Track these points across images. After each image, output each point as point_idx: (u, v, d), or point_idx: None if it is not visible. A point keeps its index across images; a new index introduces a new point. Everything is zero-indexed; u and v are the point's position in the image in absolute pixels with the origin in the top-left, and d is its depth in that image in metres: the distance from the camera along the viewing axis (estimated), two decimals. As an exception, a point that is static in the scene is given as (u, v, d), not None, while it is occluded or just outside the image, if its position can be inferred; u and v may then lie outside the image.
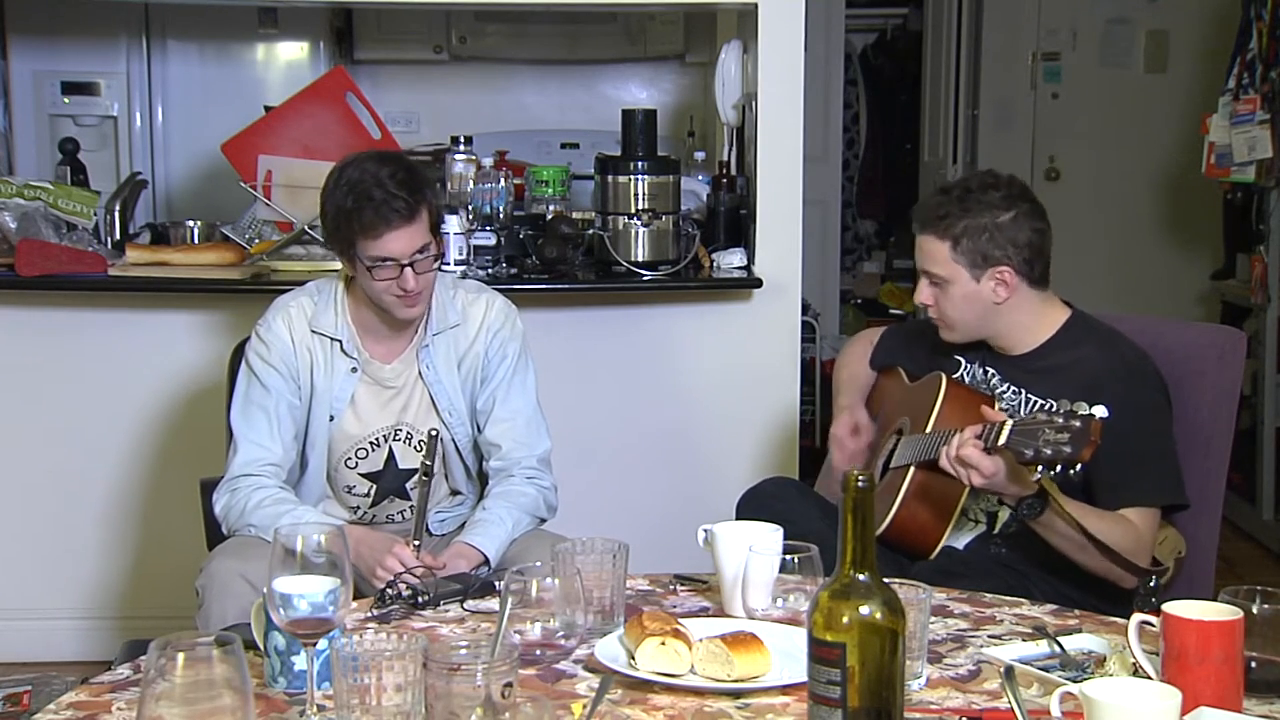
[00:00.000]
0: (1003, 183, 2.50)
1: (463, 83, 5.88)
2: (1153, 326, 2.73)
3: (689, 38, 5.64)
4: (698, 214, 3.92)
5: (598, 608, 1.94)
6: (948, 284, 2.49)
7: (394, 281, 2.51)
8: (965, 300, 2.49)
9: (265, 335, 2.62)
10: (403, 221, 2.49)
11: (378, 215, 2.48)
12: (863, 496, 1.47)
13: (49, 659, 3.65)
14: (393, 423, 2.65)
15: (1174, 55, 6.08)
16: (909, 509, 2.46)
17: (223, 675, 1.39)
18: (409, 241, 2.50)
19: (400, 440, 2.66)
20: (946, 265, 2.47)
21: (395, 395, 2.65)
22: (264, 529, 2.48)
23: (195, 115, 5.33)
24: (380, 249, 2.49)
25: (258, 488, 2.55)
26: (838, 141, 6.60)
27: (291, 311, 2.64)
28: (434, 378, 2.64)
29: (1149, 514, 2.38)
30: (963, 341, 2.58)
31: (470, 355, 2.66)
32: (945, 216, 2.47)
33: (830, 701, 1.46)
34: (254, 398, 2.60)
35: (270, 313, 2.66)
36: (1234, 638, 1.63)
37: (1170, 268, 5.99)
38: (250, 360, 2.63)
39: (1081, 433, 2.11)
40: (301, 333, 2.61)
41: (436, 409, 2.65)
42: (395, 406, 2.65)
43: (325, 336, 2.62)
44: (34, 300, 3.73)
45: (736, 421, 3.80)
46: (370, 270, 2.51)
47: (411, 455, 2.65)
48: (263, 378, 2.60)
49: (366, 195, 2.48)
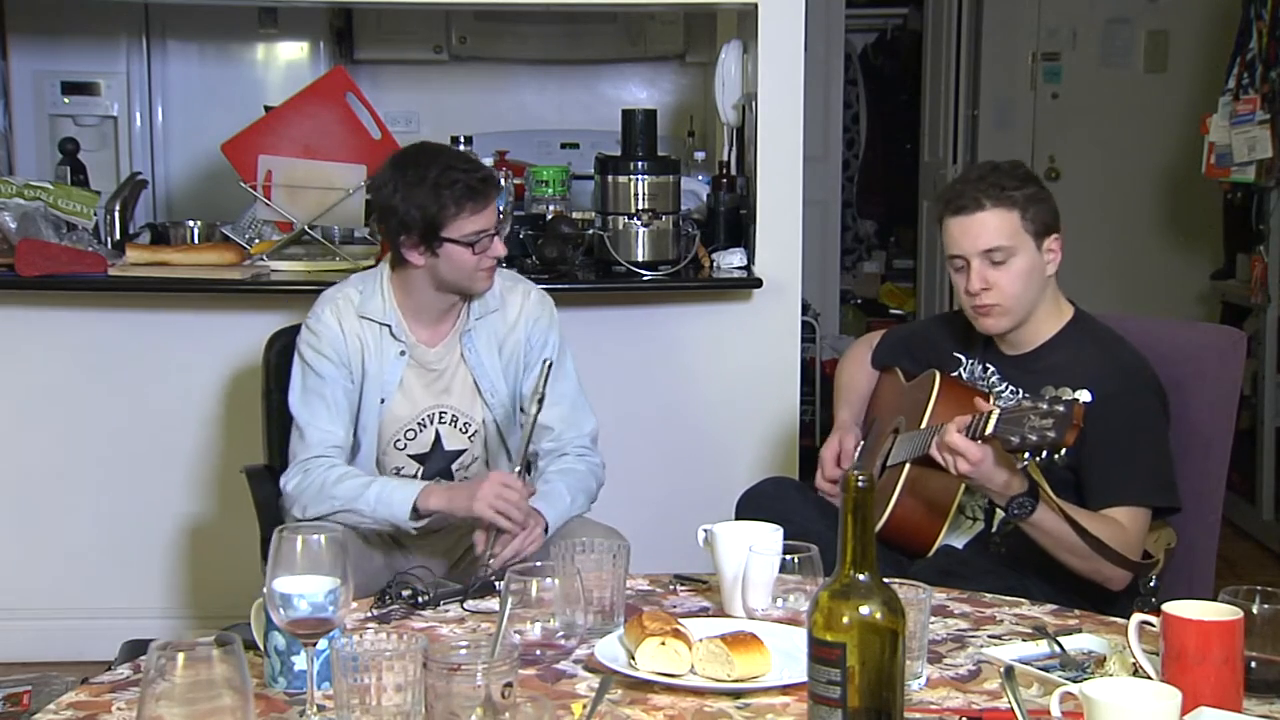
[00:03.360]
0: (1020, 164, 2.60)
1: (463, 83, 5.88)
2: (1153, 326, 2.73)
3: (689, 38, 5.64)
4: (698, 214, 3.92)
5: (598, 608, 1.94)
6: (1013, 257, 2.47)
7: (486, 253, 2.63)
8: (1029, 273, 2.48)
9: (315, 326, 2.71)
10: (493, 191, 2.65)
11: (473, 191, 2.60)
12: (863, 496, 1.47)
13: (49, 659, 3.65)
14: (437, 404, 2.74)
15: (1174, 55, 6.08)
16: (905, 506, 2.46)
17: (223, 675, 1.39)
18: (494, 211, 2.66)
19: (445, 423, 2.75)
20: (1017, 235, 2.47)
21: (438, 378, 2.74)
22: (349, 499, 2.57)
23: (195, 115, 5.33)
24: (478, 222, 2.61)
25: (331, 466, 2.64)
26: (838, 141, 6.60)
27: (339, 302, 2.71)
28: (475, 360, 2.73)
29: (1138, 514, 2.37)
30: (1010, 328, 2.53)
31: (511, 341, 2.76)
32: (1003, 188, 2.48)
33: (830, 701, 1.46)
34: (311, 386, 2.68)
35: (318, 305, 2.74)
36: (1234, 638, 1.64)
37: (1170, 268, 5.99)
38: (303, 351, 2.71)
39: (1065, 417, 2.12)
40: (350, 321, 2.70)
41: (479, 391, 2.74)
42: (438, 389, 2.74)
43: (374, 322, 2.70)
44: (34, 300, 3.73)
45: (736, 421, 3.80)
46: (470, 246, 2.61)
47: (457, 437, 2.75)
48: (317, 366, 2.68)
49: (453, 179, 2.59)
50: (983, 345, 2.59)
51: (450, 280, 2.66)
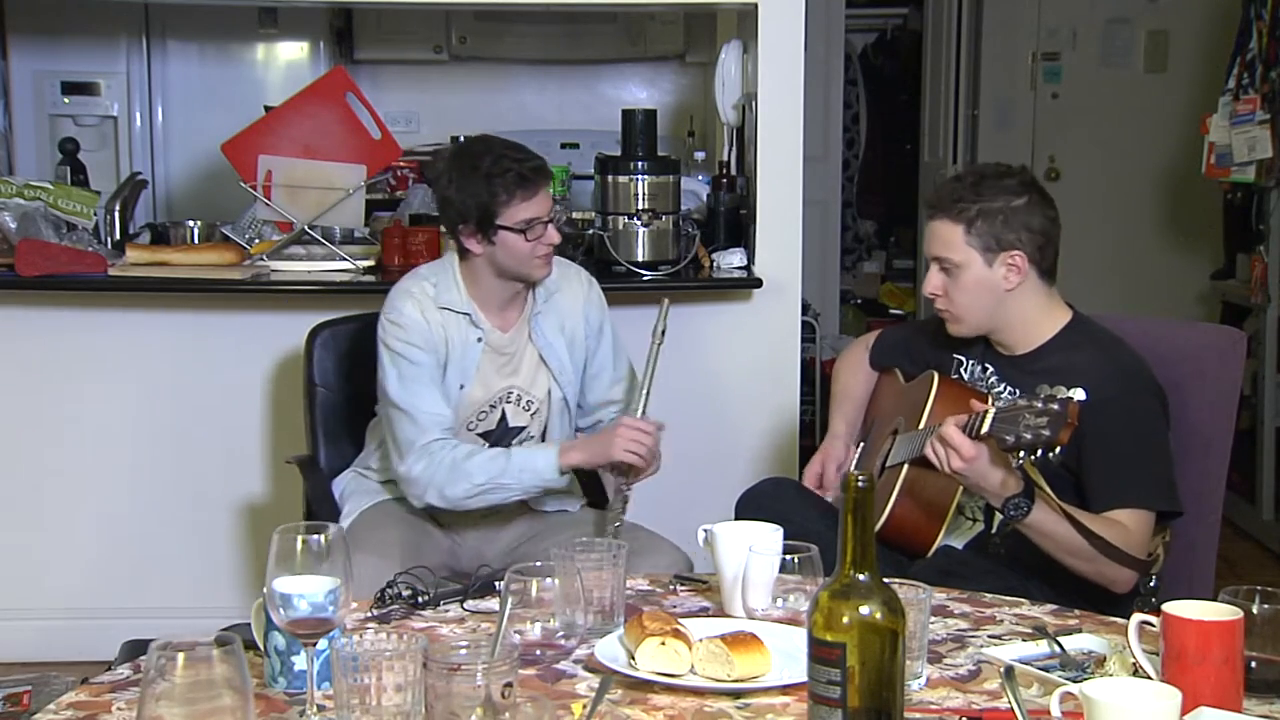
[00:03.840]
0: (1015, 171, 2.54)
1: (463, 83, 5.89)
2: (1153, 327, 2.73)
3: (689, 38, 5.64)
4: (698, 214, 3.92)
5: (598, 608, 1.94)
6: (959, 270, 2.48)
7: (540, 240, 2.73)
8: (976, 286, 2.48)
9: (399, 319, 2.78)
10: (544, 180, 2.75)
11: (524, 180, 2.71)
12: (863, 497, 1.47)
13: (49, 659, 3.65)
14: (507, 384, 2.85)
15: (1174, 55, 6.08)
16: (904, 506, 2.46)
17: (223, 675, 1.39)
18: (547, 198, 2.76)
19: (512, 401, 2.87)
20: (960, 249, 2.48)
21: (508, 361, 2.86)
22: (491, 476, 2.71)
23: (195, 115, 5.33)
24: (531, 210, 2.71)
25: (453, 446, 2.74)
26: (838, 141, 6.60)
27: (416, 295, 2.80)
28: (544, 341, 2.87)
29: (1141, 516, 2.37)
30: (970, 335, 2.57)
31: (571, 321, 2.91)
32: (959, 200, 2.49)
33: (830, 701, 1.46)
34: (409, 373, 2.76)
35: (396, 299, 2.81)
36: (1234, 638, 1.63)
37: (1170, 268, 5.99)
38: (390, 345, 2.78)
39: (1059, 415, 2.12)
40: (432, 312, 2.79)
41: (549, 368, 2.88)
42: (507, 370, 2.86)
43: (454, 312, 2.80)
44: (34, 300, 3.73)
45: (736, 421, 3.80)
46: (522, 233, 2.71)
47: (520, 414, 2.88)
48: (410, 355, 2.76)
49: (505, 168, 2.70)
50: (982, 346, 2.59)
51: (509, 267, 2.77)
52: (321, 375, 3.11)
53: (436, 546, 2.82)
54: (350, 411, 3.11)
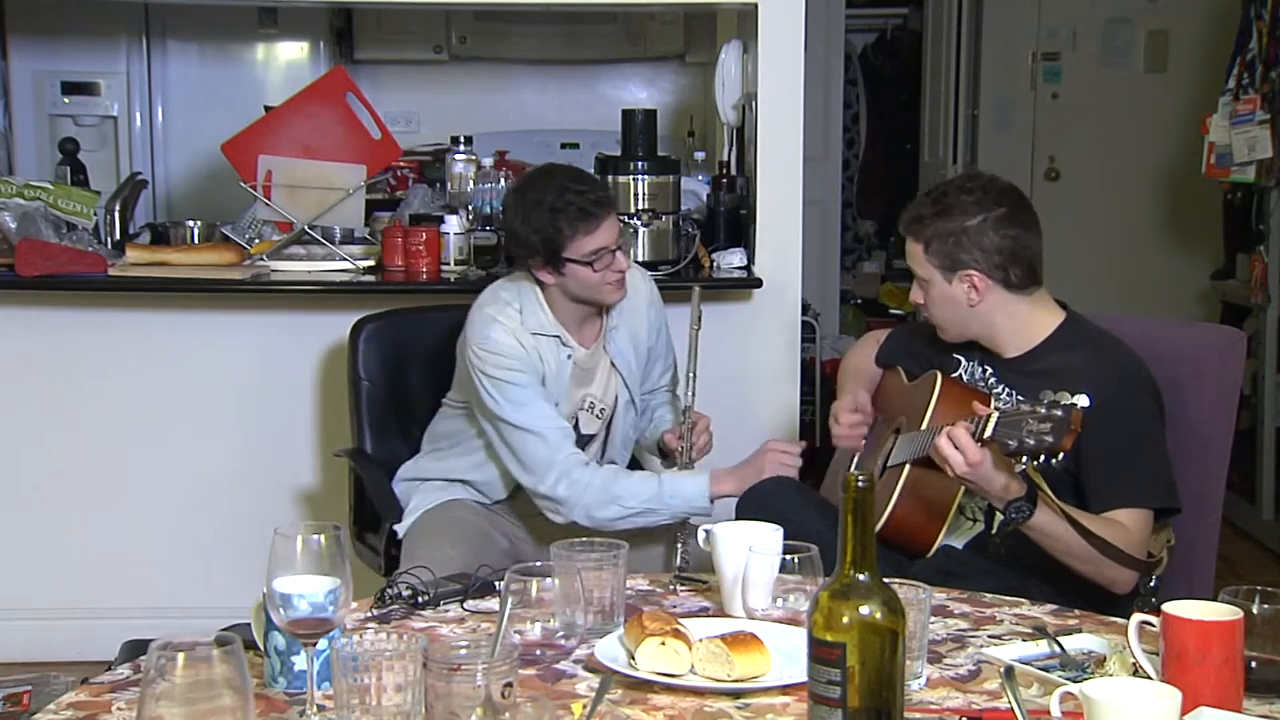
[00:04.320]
0: (979, 186, 2.51)
1: (463, 83, 5.89)
2: (1153, 327, 2.73)
3: (689, 38, 5.64)
4: (698, 214, 3.92)
5: (598, 608, 1.94)
6: (927, 284, 2.54)
7: (609, 269, 2.78)
8: (943, 301, 2.53)
9: (494, 347, 2.81)
10: (607, 211, 2.79)
11: (586, 213, 2.75)
12: (862, 496, 1.47)
13: (49, 659, 3.65)
14: (583, 394, 2.95)
15: (1174, 55, 6.08)
16: (905, 506, 2.46)
17: (223, 675, 1.39)
18: (614, 228, 2.80)
19: (585, 409, 2.96)
20: (922, 266, 2.53)
21: (587, 374, 2.94)
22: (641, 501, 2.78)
23: (195, 115, 5.33)
24: (596, 241, 2.76)
25: (584, 463, 2.82)
26: (838, 141, 6.59)
27: (503, 321, 2.84)
28: (616, 350, 2.96)
29: (1140, 515, 2.37)
30: (954, 340, 2.60)
31: (637, 324, 3.00)
32: (919, 219, 2.52)
33: (830, 701, 1.46)
34: (519, 397, 2.81)
35: (484, 327, 2.83)
36: (1234, 638, 1.63)
37: (1170, 268, 5.99)
38: (490, 373, 2.81)
39: (1063, 421, 2.12)
40: (524, 336, 2.83)
41: (622, 377, 2.98)
42: (584, 381, 2.94)
43: (544, 335, 2.86)
44: (34, 300, 3.73)
45: (736, 421, 3.79)
46: (590, 265, 2.77)
47: (592, 421, 2.97)
48: (513, 380, 2.81)
49: (568, 201, 2.75)
50: (980, 348, 2.59)
51: (582, 295, 2.84)
52: (366, 369, 3.19)
53: (495, 547, 2.88)
54: (395, 404, 3.21)
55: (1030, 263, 2.49)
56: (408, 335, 3.24)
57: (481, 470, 2.95)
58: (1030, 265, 2.49)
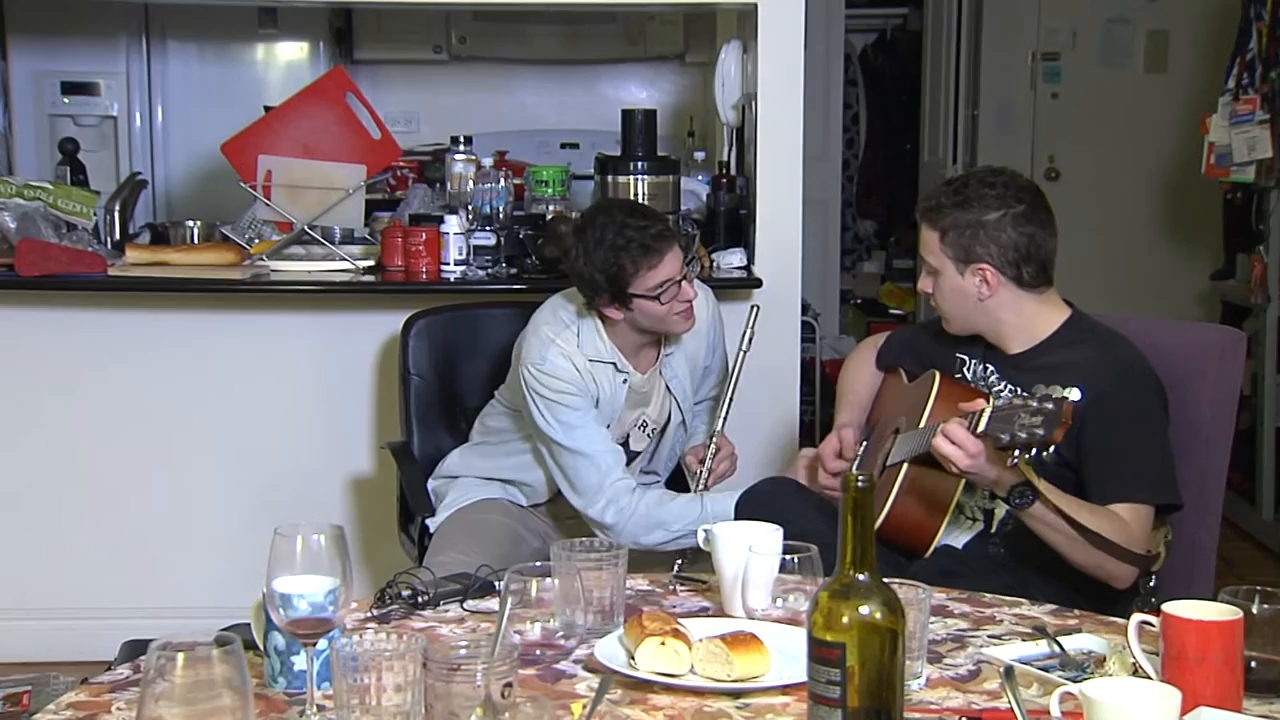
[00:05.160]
0: (1002, 181, 2.51)
1: (462, 83, 5.89)
2: (1153, 326, 2.73)
3: (689, 38, 5.64)
4: (698, 214, 3.92)
5: (597, 608, 1.94)
6: (938, 274, 2.54)
7: (677, 299, 2.80)
8: (953, 293, 2.53)
9: (550, 369, 2.85)
10: (668, 244, 2.80)
11: (647, 249, 2.76)
12: (862, 496, 1.47)
13: (49, 659, 3.65)
14: (637, 415, 2.98)
15: (1174, 55, 6.08)
16: (903, 504, 2.46)
17: (223, 675, 1.39)
18: (677, 259, 2.82)
19: (637, 427, 2.99)
20: (936, 255, 2.53)
21: (641, 398, 2.97)
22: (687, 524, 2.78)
23: (195, 115, 5.34)
24: (660, 274, 2.78)
25: (632, 489, 2.85)
26: (838, 141, 6.60)
27: (561, 345, 2.87)
28: (671, 374, 3.00)
29: (1140, 511, 2.37)
30: (960, 333, 2.60)
31: (696, 348, 3.03)
32: (938, 208, 2.52)
33: (830, 701, 1.46)
34: (571, 420, 2.85)
35: (540, 348, 2.87)
36: (1234, 638, 1.63)
37: (1170, 268, 5.99)
38: (544, 395, 2.85)
39: (1054, 415, 2.13)
40: (580, 361, 2.86)
41: (676, 400, 3.01)
42: (640, 404, 2.98)
43: (600, 362, 2.88)
44: (34, 300, 3.73)
45: (736, 422, 3.78)
46: (656, 298, 2.79)
47: (642, 439, 3.01)
48: (567, 403, 2.85)
49: (629, 238, 2.76)
50: (984, 345, 2.60)
51: (650, 327, 2.87)
52: (416, 364, 3.25)
53: (527, 547, 2.92)
54: (443, 398, 3.29)
55: (1043, 262, 2.50)
56: (459, 332, 3.31)
57: (527, 473, 3.00)
58: (1043, 264, 2.50)
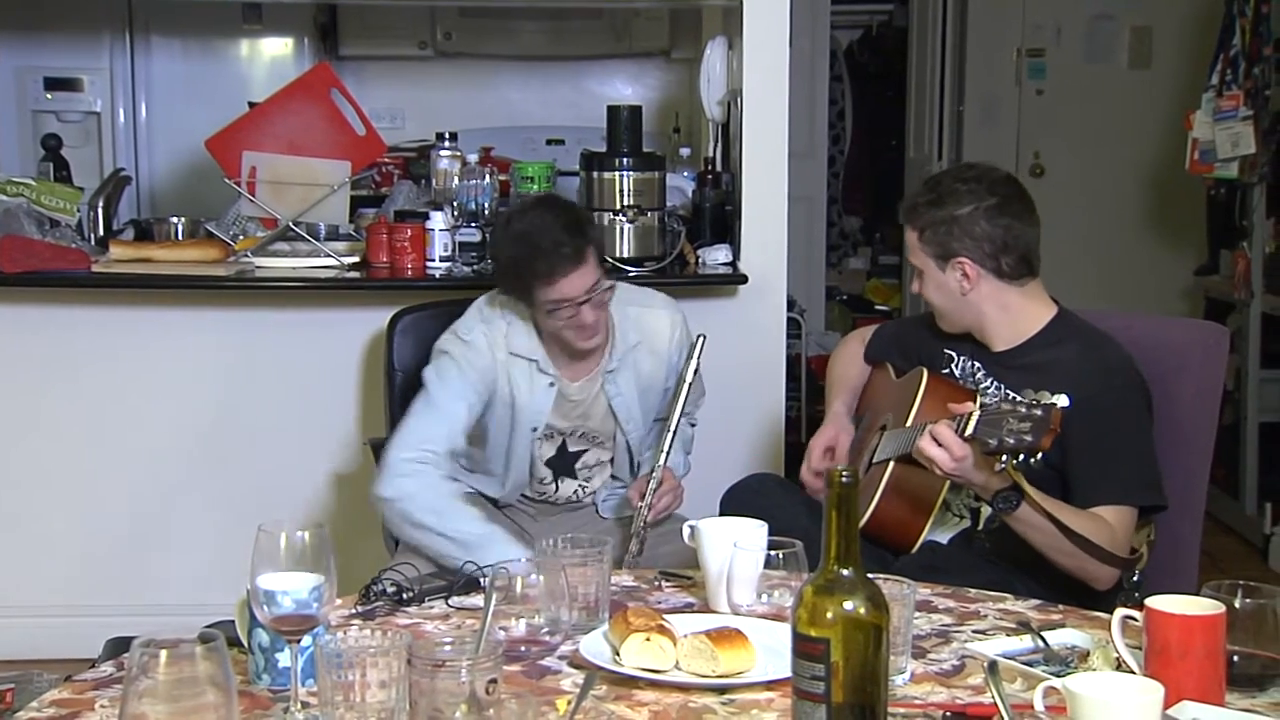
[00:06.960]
0: (974, 176, 2.53)
1: (448, 79, 5.87)
2: (1136, 322, 2.73)
3: (674, 34, 5.64)
4: (683, 210, 3.92)
5: (582, 604, 1.94)
6: (923, 274, 2.56)
7: (572, 320, 2.71)
8: (938, 290, 2.55)
9: (466, 337, 2.80)
10: (571, 266, 2.67)
11: (549, 263, 2.66)
12: (846, 492, 1.47)
13: (32, 657, 3.64)
14: (574, 426, 2.88)
15: (1158, 51, 6.09)
16: (889, 502, 2.47)
17: (206, 672, 1.38)
18: (580, 282, 2.68)
19: (574, 436, 2.90)
20: (918, 255, 2.55)
21: (577, 407, 2.87)
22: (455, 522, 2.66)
23: (179, 111, 5.32)
24: (556, 293, 2.68)
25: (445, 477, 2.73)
26: (823, 137, 6.60)
27: (491, 329, 2.81)
28: (615, 391, 2.86)
29: (1124, 512, 2.38)
30: (952, 330, 2.61)
31: (650, 369, 2.89)
32: (915, 208, 2.55)
33: (814, 697, 1.46)
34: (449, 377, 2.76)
35: (472, 319, 2.83)
36: (1216, 632, 1.64)
37: (1154, 263, 6.00)
38: (445, 349, 2.80)
39: (1042, 421, 2.13)
40: (501, 352, 2.80)
41: (616, 419, 2.88)
42: (575, 415, 2.88)
43: (523, 358, 2.80)
44: (16, 297, 3.71)
45: (721, 418, 3.79)
46: (550, 312, 2.71)
47: (580, 442, 2.91)
48: (459, 368, 2.77)
49: (535, 245, 2.67)
50: (972, 342, 2.60)
51: (554, 335, 2.77)
52: (401, 360, 3.22)
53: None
54: None
55: (1022, 253, 2.50)
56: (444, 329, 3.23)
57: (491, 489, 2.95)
58: (1022, 255, 2.50)
